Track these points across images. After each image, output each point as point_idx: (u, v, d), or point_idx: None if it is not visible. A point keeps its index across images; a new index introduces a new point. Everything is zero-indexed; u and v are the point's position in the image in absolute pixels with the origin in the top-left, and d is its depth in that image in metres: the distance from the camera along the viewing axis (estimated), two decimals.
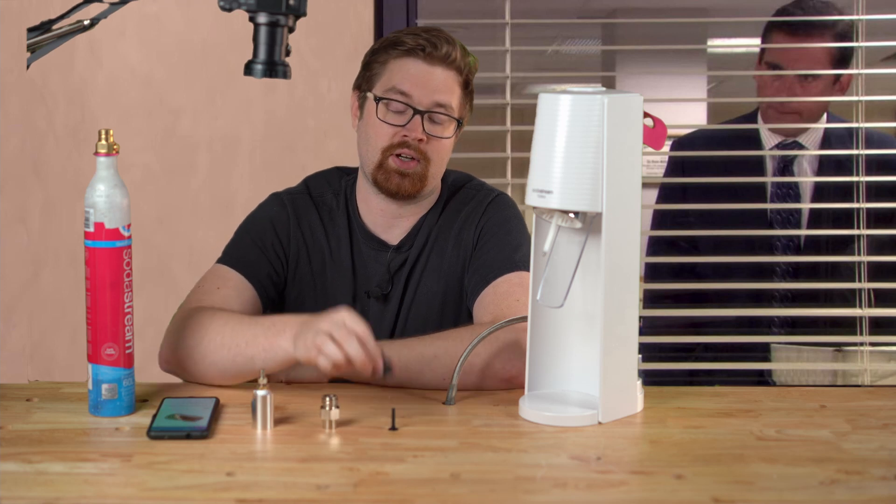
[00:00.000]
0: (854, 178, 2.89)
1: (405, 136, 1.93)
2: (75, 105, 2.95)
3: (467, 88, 1.99)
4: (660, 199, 3.03)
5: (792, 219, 2.88)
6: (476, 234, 2.00)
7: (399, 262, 2.01)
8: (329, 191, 2.06)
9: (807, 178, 2.88)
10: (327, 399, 1.57)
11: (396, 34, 1.97)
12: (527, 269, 1.93)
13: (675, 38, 3.27)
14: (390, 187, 1.95)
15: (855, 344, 2.92)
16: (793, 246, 2.90)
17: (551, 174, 1.57)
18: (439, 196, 2.05)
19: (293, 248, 2.00)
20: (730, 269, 2.90)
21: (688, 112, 5.03)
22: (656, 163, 5.20)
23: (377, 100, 1.95)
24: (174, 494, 1.35)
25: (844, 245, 2.93)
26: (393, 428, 1.58)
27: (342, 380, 1.86)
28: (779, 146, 2.89)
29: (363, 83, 2.00)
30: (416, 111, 1.93)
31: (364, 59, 2.01)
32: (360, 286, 2.00)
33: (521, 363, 1.73)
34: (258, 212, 2.06)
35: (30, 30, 1.79)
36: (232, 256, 1.98)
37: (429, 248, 2.01)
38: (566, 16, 4.33)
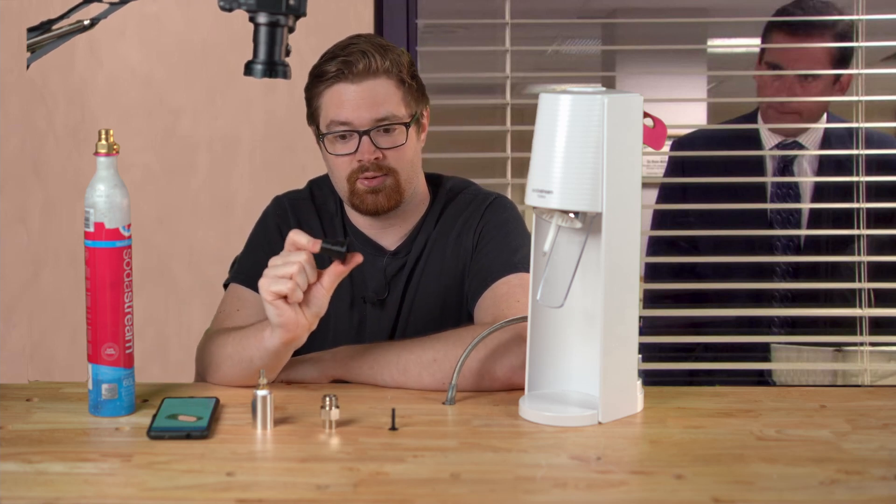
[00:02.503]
0: (854, 178, 2.89)
1: (360, 160, 1.93)
2: (75, 105, 2.95)
3: (405, 84, 1.95)
4: (660, 199, 3.03)
5: (792, 219, 2.88)
6: (475, 238, 2.00)
7: (396, 268, 2.00)
8: (331, 198, 2.06)
9: (807, 178, 2.88)
10: (327, 399, 1.57)
11: (318, 64, 1.95)
12: (527, 270, 1.93)
13: (675, 38, 3.27)
14: (368, 208, 1.96)
15: (855, 344, 2.92)
16: (793, 246, 2.90)
17: (551, 174, 1.57)
18: (435, 201, 2.05)
19: None
20: (730, 269, 2.90)
21: (688, 112, 5.02)
22: (656, 163, 5.19)
23: (322, 136, 1.95)
24: (174, 494, 1.35)
25: (844, 245, 2.93)
26: (393, 428, 1.58)
27: (343, 381, 1.86)
28: (779, 146, 2.89)
29: (310, 119, 2.00)
30: (360, 134, 1.92)
31: (305, 96, 2.00)
32: (357, 292, 2.00)
33: (518, 365, 1.73)
34: (265, 219, 2.06)
35: (30, 30, 1.79)
36: (246, 273, 1.98)
37: (427, 254, 2.01)
38: (566, 16, 4.33)
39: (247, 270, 1.99)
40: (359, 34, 1.99)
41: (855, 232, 2.91)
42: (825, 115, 2.88)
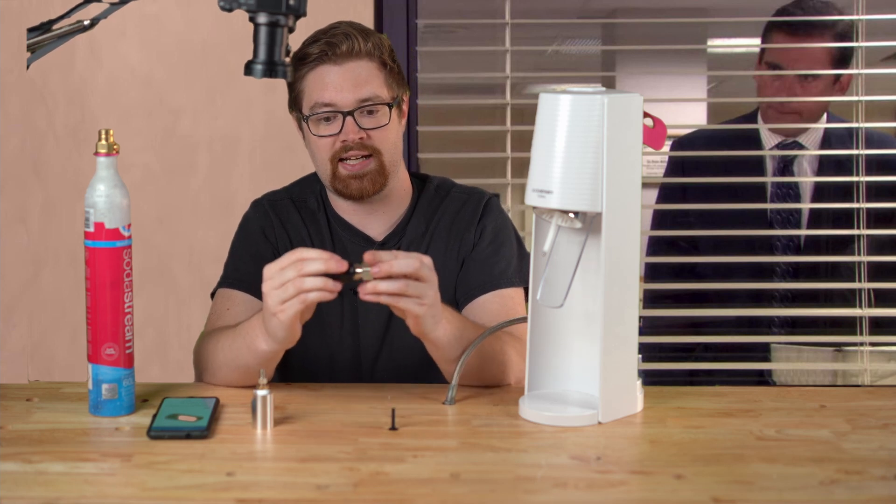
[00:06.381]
0: (854, 178, 2.89)
1: (344, 140, 1.94)
2: (75, 105, 2.95)
3: (387, 67, 1.97)
4: (660, 199, 3.03)
5: (792, 219, 2.88)
6: (476, 236, 2.01)
7: None
8: (311, 195, 2.07)
9: (807, 178, 2.88)
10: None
11: (301, 47, 1.96)
12: (516, 284, 1.98)
13: (675, 38, 3.27)
14: (352, 192, 1.97)
15: (855, 344, 2.92)
16: (793, 246, 2.90)
17: (551, 174, 1.57)
18: (422, 195, 2.06)
19: (282, 251, 2.01)
20: (730, 269, 2.90)
21: (688, 112, 5.02)
22: (656, 163, 5.19)
23: (305, 119, 1.96)
24: (174, 494, 1.35)
25: (844, 245, 2.93)
26: (393, 428, 1.58)
27: (341, 380, 1.86)
28: (779, 146, 2.89)
29: (292, 104, 2.01)
30: (344, 114, 1.93)
31: (287, 81, 2.00)
32: (346, 283, 2.01)
33: (518, 377, 1.76)
34: (246, 224, 2.07)
35: (30, 30, 1.79)
36: (233, 277, 2.00)
37: (424, 247, 2.01)
38: (566, 16, 4.32)
39: (232, 275, 2.00)
40: (340, 20, 2.00)
41: (855, 232, 2.91)
42: (825, 115, 2.88)
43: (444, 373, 1.78)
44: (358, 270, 1.62)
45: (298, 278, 1.61)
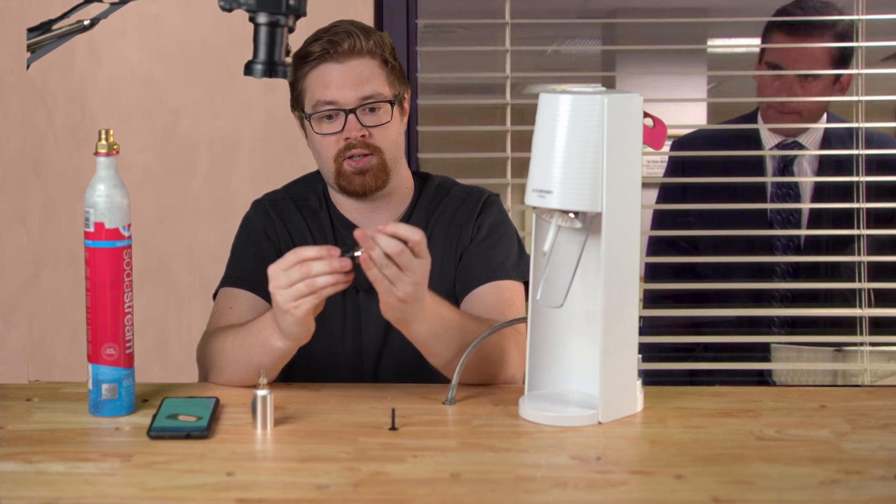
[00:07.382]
0: (854, 178, 2.89)
1: (347, 138, 1.94)
2: (75, 105, 2.95)
3: (388, 65, 1.98)
4: (660, 199, 3.03)
5: (792, 219, 2.88)
6: (474, 231, 2.02)
7: None
8: (312, 194, 2.07)
9: (807, 178, 2.88)
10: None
11: (303, 46, 1.97)
12: (513, 277, 1.98)
13: (675, 38, 3.27)
14: (355, 189, 1.97)
15: (855, 344, 2.92)
16: (793, 246, 2.90)
17: (551, 174, 1.57)
18: (423, 193, 2.06)
19: (284, 250, 2.01)
20: (730, 269, 2.90)
21: (688, 112, 5.02)
22: (656, 163, 5.19)
23: (308, 117, 1.97)
24: (174, 494, 1.35)
25: (844, 245, 2.93)
26: (393, 428, 1.58)
27: (343, 378, 1.86)
28: (779, 146, 2.89)
29: (295, 103, 2.01)
30: (346, 112, 1.93)
31: (289, 80, 2.01)
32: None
33: (516, 371, 1.77)
34: (247, 224, 2.07)
35: (30, 30, 1.79)
36: (235, 276, 2.00)
37: None
38: (566, 16, 4.32)
39: (234, 274, 2.00)
40: (341, 19, 2.00)
41: (855, 232, 2.91)
42: (825, 115, 2.88)
43: (442, 370, 1.79)
44: (356, 255, 1.62)
45: (309, 279, 1.62)
